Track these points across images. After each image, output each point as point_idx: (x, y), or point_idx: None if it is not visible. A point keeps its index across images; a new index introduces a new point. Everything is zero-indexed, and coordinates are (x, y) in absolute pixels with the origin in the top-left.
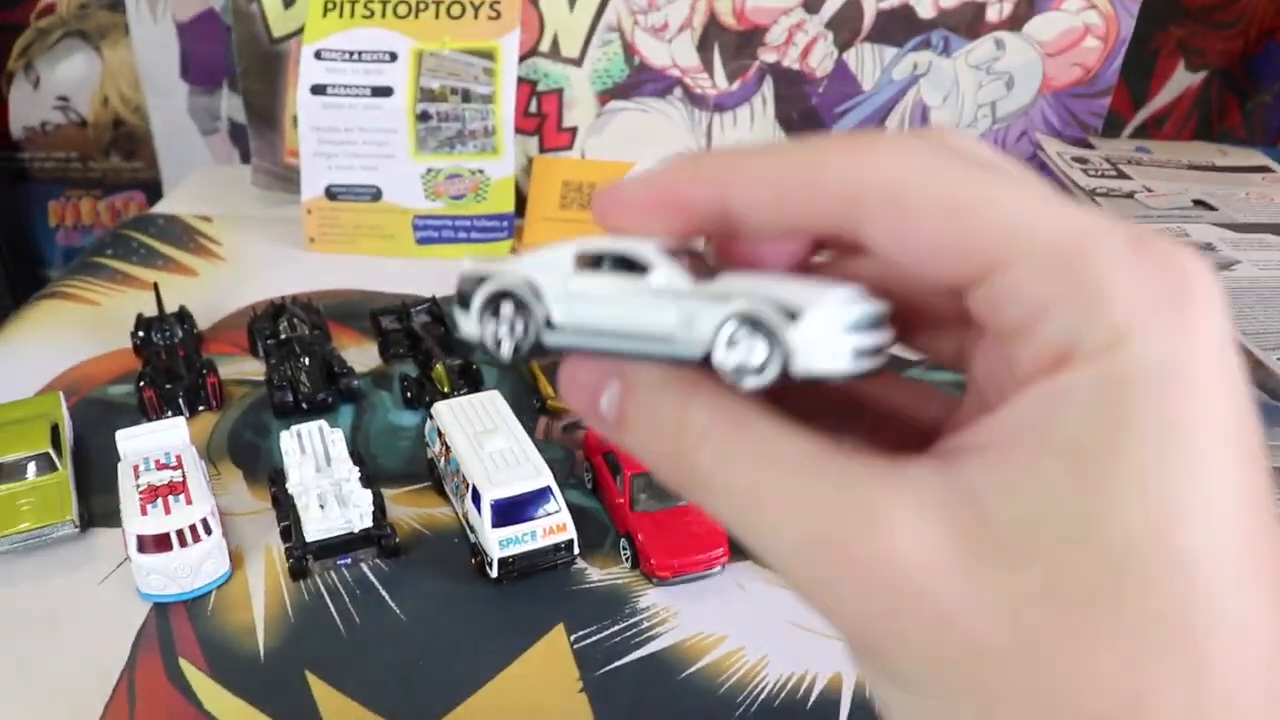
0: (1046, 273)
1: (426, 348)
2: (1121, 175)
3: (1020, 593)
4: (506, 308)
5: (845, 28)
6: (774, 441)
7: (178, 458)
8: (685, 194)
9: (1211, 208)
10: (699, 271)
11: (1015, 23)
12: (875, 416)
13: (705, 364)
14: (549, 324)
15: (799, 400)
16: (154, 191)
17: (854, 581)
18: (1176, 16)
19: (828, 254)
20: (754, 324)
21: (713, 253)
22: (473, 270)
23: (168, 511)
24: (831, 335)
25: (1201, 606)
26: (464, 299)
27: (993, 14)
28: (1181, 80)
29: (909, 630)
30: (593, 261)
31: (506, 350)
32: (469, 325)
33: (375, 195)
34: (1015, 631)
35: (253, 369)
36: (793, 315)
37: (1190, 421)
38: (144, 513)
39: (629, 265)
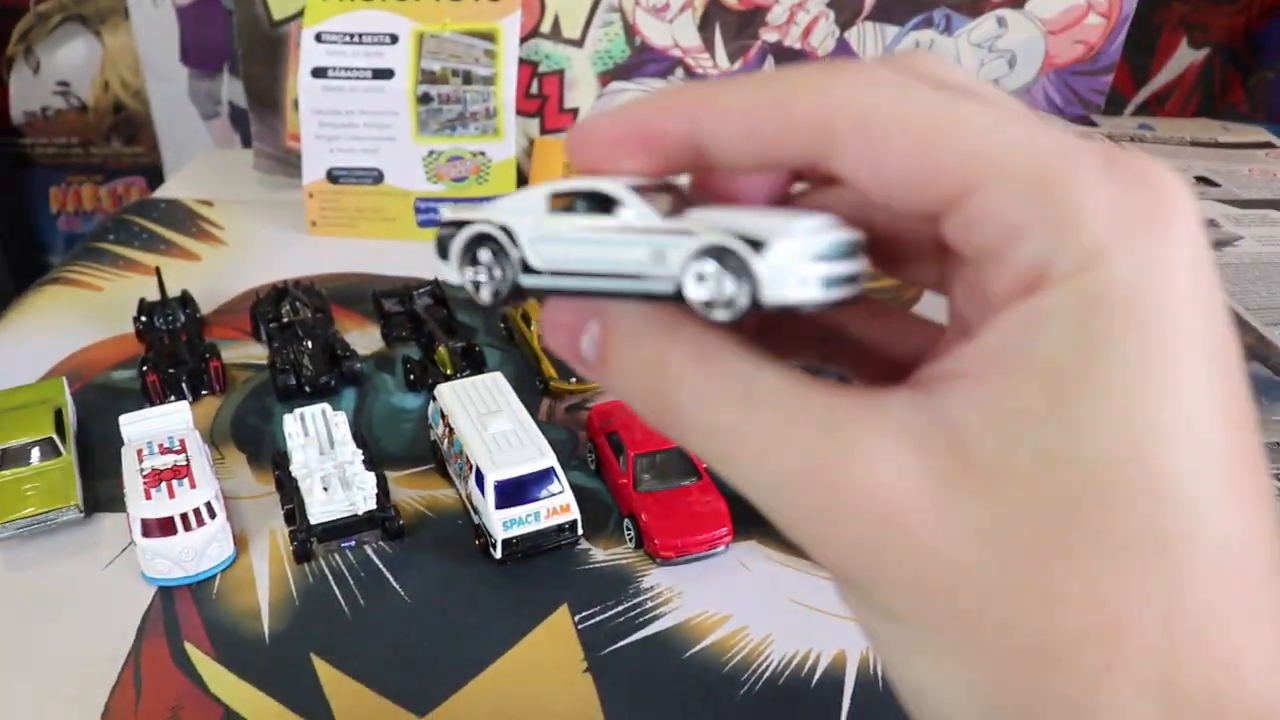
0: (1019, 195)
1: (429, 330)
2: None
3: (998, 517)
4: (484, 253)
5: (847, 7)
6: (753, 378)
7: (181, 442)
8: (657, 128)
9: (1214, 184)
10: (679, 207)
11: (1017, 0)
12: (861, 348)
13: (678, 299)
14: (525, 267)
15: (783, 335)
16: (155, 176)
17: (835, 516)
18: None
19: (806, 185)
20: (721, 256)
21: (693, 188)
22: (451, 217)
23: (172, 495)
24: (799, 263)
25: (1179, 527)
26: (443, 246)
27: None
28: (1184, 57)
29: (889, 561)
30: (565, 202)
31: (486, 295)
32: (449, 272)
33: (377, 178)
34: (993, 556)
35: (255, 353)
36: (759, 245)
37: (1165, 341)
38: (148, 497)
39: (600, 203)
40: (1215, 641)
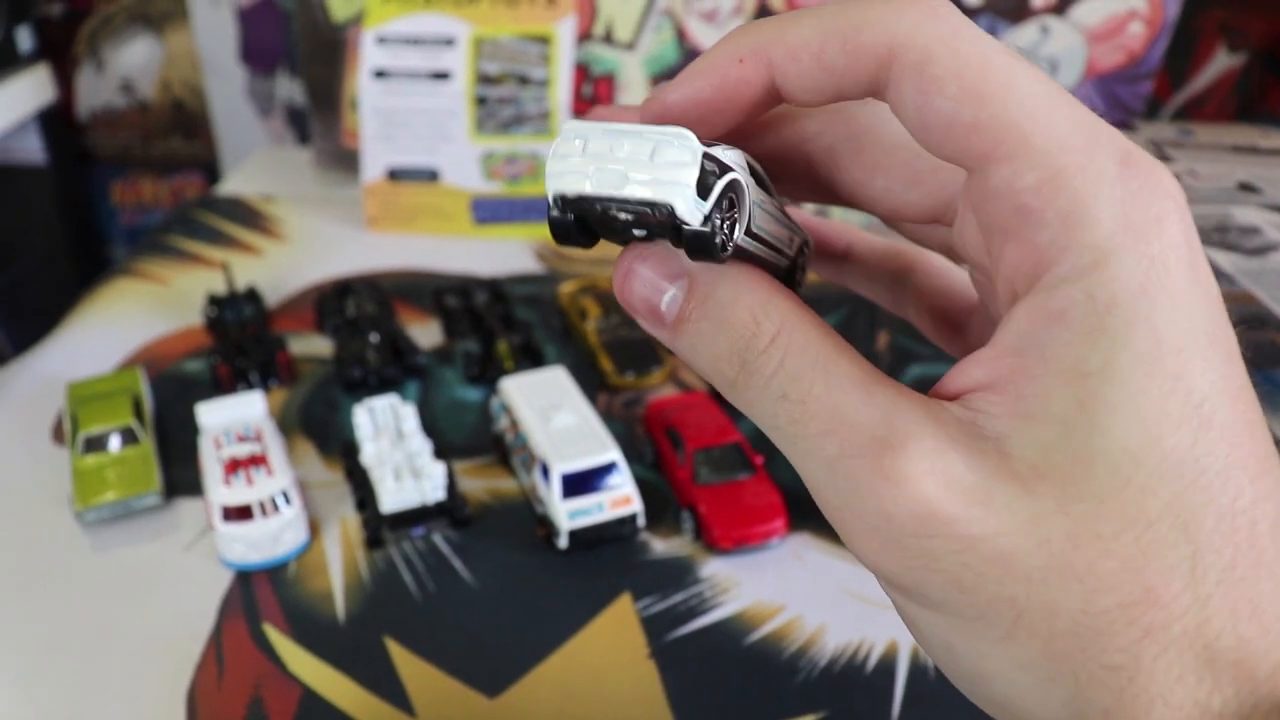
0: (1038, 179)
1: (489, 325)
2: (1165, 158)
3: (1037, 512)
4: (725, 202)
5: None
6: (833, 359)
7: (258, 430)
8: (739, 79)
9: (1256, 190)
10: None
11: (1060, 8)
12: (921, 294)
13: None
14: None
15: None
16: (212, 172)
17: (880, 502)
18: None
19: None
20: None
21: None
22: (706, 149)
23: (250, 483)
24: None
25: (1193, 500)
26: (704, 185)
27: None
28: (1222, 62)
29: (936, 553)
30: (753, 171)
31: (720, 242)
32: (697, 211)
33: (433, 177)
34: (1035, 546)
35: (321, 346)
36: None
37: (1171, 336)
38: (227, 484)
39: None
40: (1236, 596)
